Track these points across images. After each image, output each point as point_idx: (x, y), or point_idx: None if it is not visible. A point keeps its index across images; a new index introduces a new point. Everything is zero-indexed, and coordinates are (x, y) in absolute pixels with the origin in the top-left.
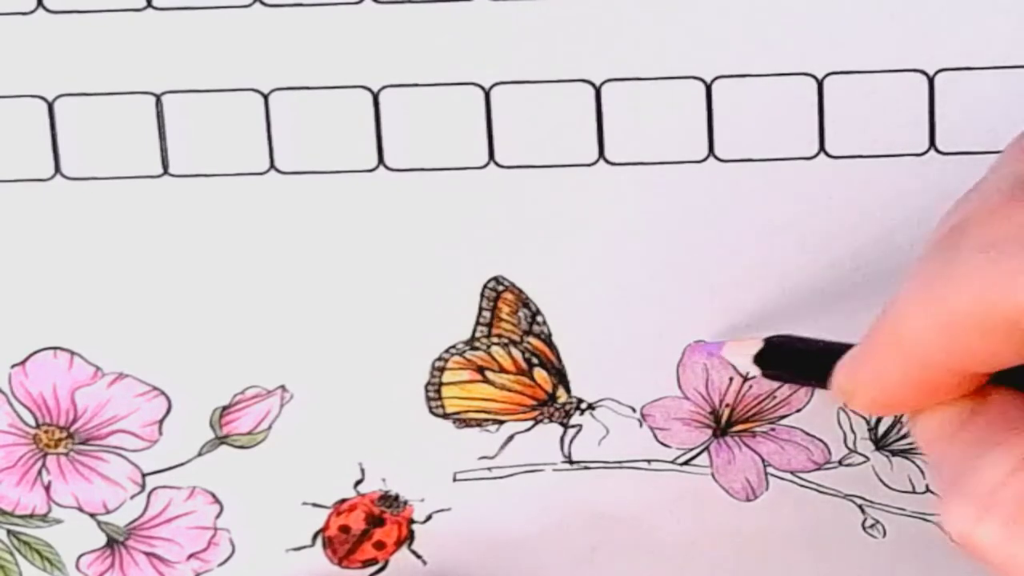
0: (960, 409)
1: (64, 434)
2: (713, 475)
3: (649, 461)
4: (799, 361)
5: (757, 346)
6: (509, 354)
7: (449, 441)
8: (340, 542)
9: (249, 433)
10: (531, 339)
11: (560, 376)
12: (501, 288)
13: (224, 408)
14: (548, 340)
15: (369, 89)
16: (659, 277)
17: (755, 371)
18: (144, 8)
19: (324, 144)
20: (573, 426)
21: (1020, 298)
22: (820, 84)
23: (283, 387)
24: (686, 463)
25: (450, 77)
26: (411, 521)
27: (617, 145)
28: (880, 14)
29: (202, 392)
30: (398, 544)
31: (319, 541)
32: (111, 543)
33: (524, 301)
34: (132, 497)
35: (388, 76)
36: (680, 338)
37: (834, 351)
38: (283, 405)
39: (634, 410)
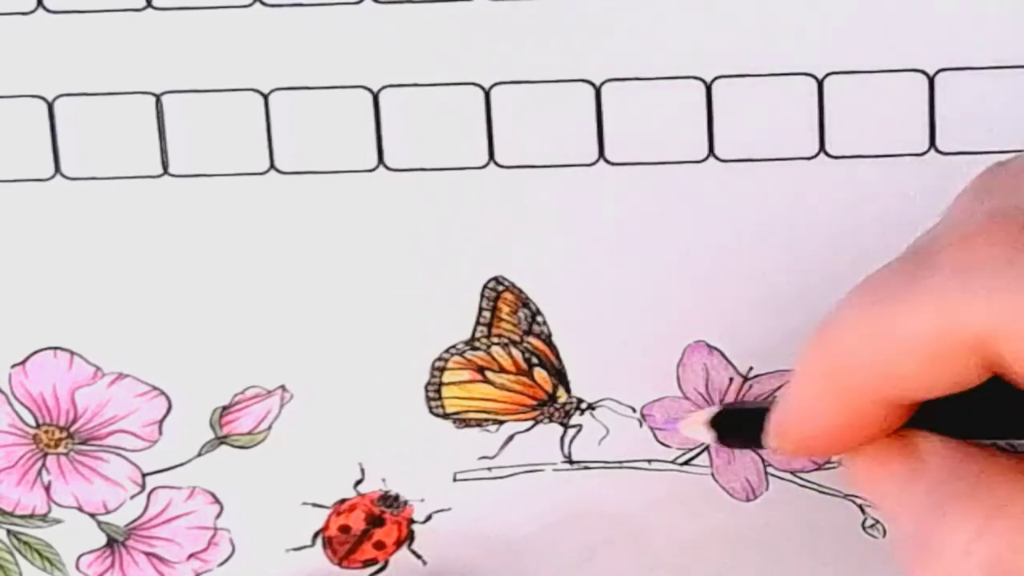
0: (898, 468)
1: (64, 434)
2: (713, 475)
3: (649, 461)
4: (751, 424)
5: (710, 413)
6: (509, 354)
7: (449, 441)
8: (340, 542)
9: (249, 433)
10: (531, 339)
11: (560, 376)
12: (501, 288)
13: (224, 408)
14: (548, 340)
15: (369, 89)
16: (659, 277)
17: (711, 439)
18: (144, 8)
19: (324, 144)
20: (573, 426)
21: (985, 322)
22: (820, 84)
23: (283, 387)
24: (686, 463)
25: (450, 77)
26: (411, 521)
27: (617, 145)
28: (880, 14)
29: (202, 392)
30: (398, 544)
31: (319, 541)
32: (111, 543)
33: (524, 301)
34: (132, 497)
35: (388, 76)
36: (680, 338)
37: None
38: (283, 405)
39: (634, 410)
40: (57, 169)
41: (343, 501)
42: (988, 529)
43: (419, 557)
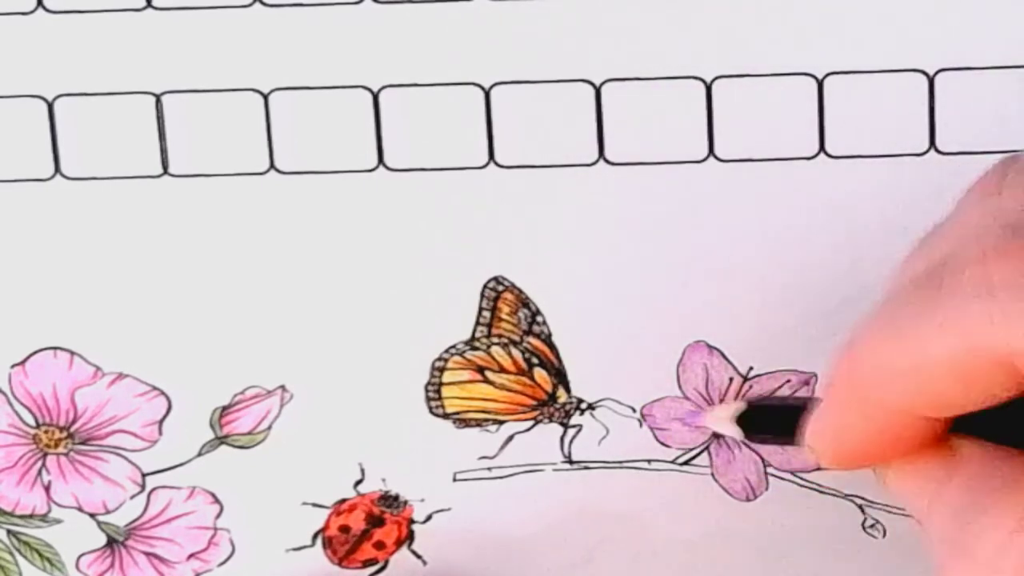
0: (934, 468)
1: (64, 434)
2: (713, 475)
3: (649, 461)
4: (779, 421)
5: (739, 408)
6: (509, 354)
7: (449, 441)
8: (340, 542)
9: (249, 433)
10: (531, 339)
11: (560, 376)
12: (501, 288)
13: (224, 408)
14: (548, 340)
15: (369, 89)
16: (659, 277)
17: (738, 434)
18: (144, 8)
19: (324, 144)
20: (573, 426)
21: (1012, 343)
22: (820, 84)
23: (283, 387)
24: (686, 463)
25: (450, 77)
26: (411, 521)
27: (617, 145)
28: (880, 14)
29: (202, 392)
30: (398, 544)
31: (319, 541)
32: (111, 543)
33: (524, 301)
34: (132, 497)
35: (388, 76)
36: (680, 338)
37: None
38: (283, 405)
39: (634, 410)
40: (57, 169)
41: (343, 501)
42: None
43: (419, 557)
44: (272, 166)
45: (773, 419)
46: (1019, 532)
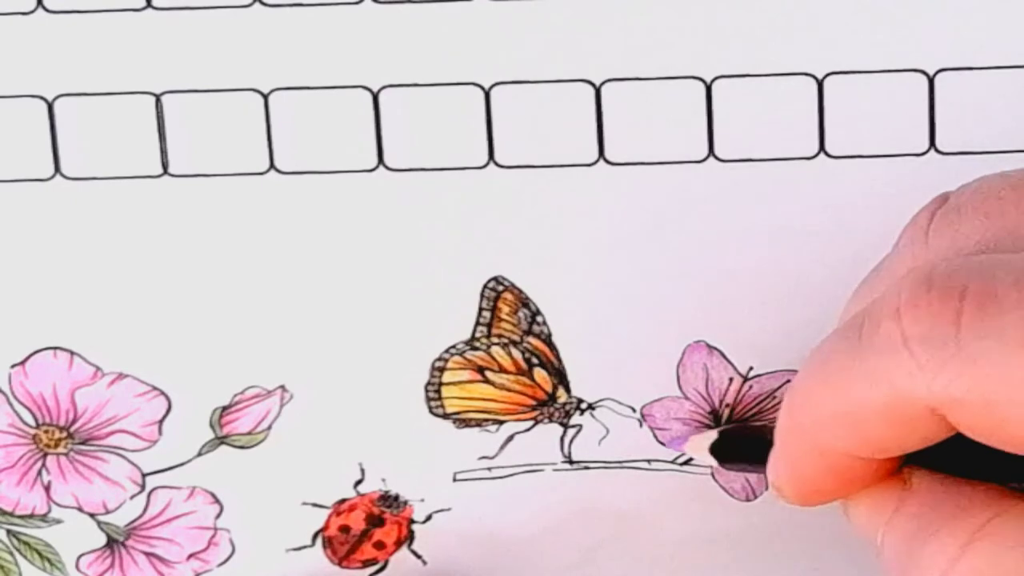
0: (887, 499)
1: (64, 434)
2: (713, 475)
3: (649, 461)
4: (753, 449)
5: (711, 438)
6: (509, 354)
7: (449, 441)
8: (340, 542)
9: (249, 433)
10: (531, 339)
11: (560, 376)
12: (501, 288)
13: (224, 408)
14: (548, 340)
15: (369, 89)
16: (659, 277)
17: (713, 463)
18: (144, 8)
19: (324, 144)
20: (573, 426)
21: (933, 394)
22: (820, 84)
23: (283, 387)
24: (686, 463)
25: (450, 77)
26: (411, 521)
27: (617, 145)
28: (880, 14)
29: (202, 392)
30: (398, 544)
31: (319, 541)
32: (111, 543)
33: (524, 301)
34: (132, 497)
35: (388, 76)
36: (680, 338)
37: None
38: (283, 405)
39: (634, 410)
40: (57, 169)
41: (343, 501)
42: (969, 549)
43: (419, 557)
44: (272, 166)
45: (747, 448)
46: (963, 557)
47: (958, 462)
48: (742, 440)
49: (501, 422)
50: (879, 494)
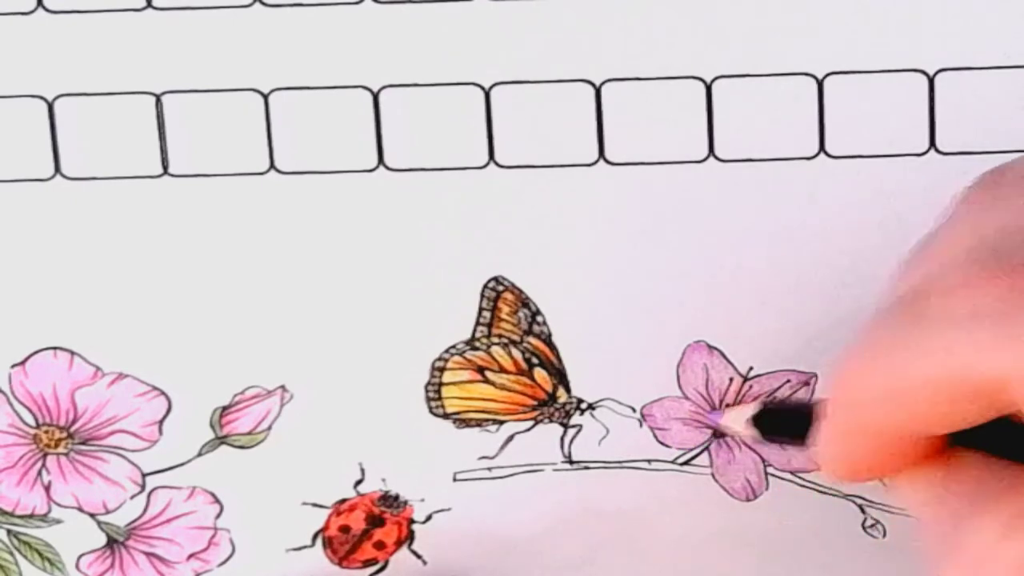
0: (936, 476)
1: (64, 434)
2: (713, 475)
3: (649, 461)
4: (794, 423)
5: (752, 409)
6: (509, 354)
7: (449, 441)
8: (340, 542)
9: (249, 433)
10: (531, 339)
11: (560, 376)
12: (501, 288)
13: (224, 408)
14: (548, 340)
15: (369, 89)
16: (659, 277)
17: (756, 436)
18: (144, 8)
19: (324, 144)
20: (573, 426)
21: (996, 370)
22: (820, 84)
23: (283, 387)
24: (686, 463)
25: (450, 77)
26: (411, 521)
27: (617, 145)
28: (880, 14)
29: (202, 392)
30: (398, 544)
31: (319, 541)
32: (111, 543)
33: (524, 301)
34: (132, 497)
35: (388, 76)
36: (680, 338)
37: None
38: (283, 405)
39: (634, 410)
40: (57, 169)
41: (343, 501)
42: (1013, 530)
43: (419, 557)
44: (272, 166)
45: (787, 421)
46: (1007, 537)
47: (1000, 444)
48: (782, 414)
49: (501, 422)
50: (924, 471)
